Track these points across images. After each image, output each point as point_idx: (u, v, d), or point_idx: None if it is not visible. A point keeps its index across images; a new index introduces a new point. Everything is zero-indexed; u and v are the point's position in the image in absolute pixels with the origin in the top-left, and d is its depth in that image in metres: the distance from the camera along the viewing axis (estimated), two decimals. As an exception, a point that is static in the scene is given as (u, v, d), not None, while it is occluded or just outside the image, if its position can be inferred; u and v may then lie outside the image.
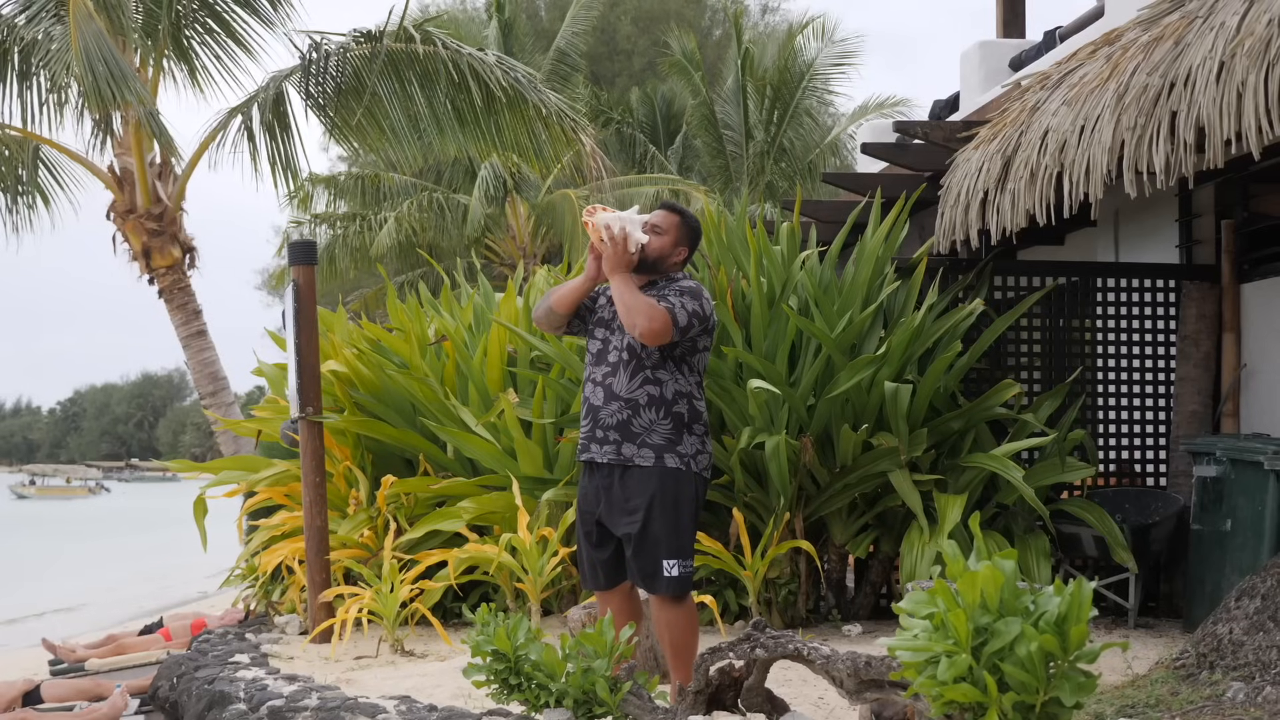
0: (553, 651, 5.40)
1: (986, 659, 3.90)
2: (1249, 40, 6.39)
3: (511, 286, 10.14)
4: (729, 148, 28.78)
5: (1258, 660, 4.89)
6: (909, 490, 8.37)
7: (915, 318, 8.65)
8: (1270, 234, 9.44)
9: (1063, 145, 7.93)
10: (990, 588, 3.98)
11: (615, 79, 35.31)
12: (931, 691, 3.93)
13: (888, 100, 29.14)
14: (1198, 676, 5.00)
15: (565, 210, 24.80)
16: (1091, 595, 3.88)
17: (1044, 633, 3.88)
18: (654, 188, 25.73)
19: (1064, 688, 3.89)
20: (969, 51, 13.35)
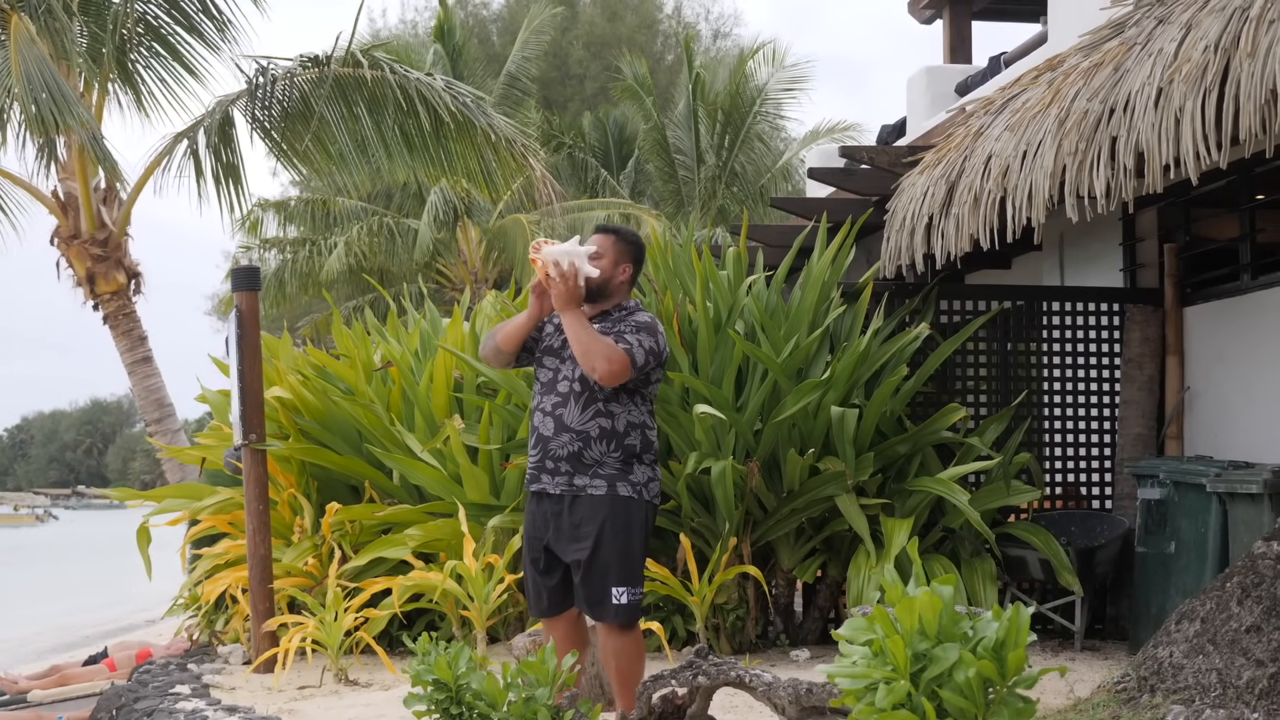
0: (494, 680, 5.35)
1: (925, 685, 3.90)
2: (1186, 67, 6.46)
3: (458, 312, 10.12)
4: (681, 172, 28.83)
5: (1197, 683, 4.91)
6: (855, 514, 8.39)
7: (861, 342, 8.68)
8: (1212, 258, 9.53)
9: (1006, 170, 7.98)
10: (929, 613, 3.98)
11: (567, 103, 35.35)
12: (870, 718, 3.92)
13: (838, 125, 29.26)
14: (1138, 700, 5.01)
15: (517, 235, 24.78)
16: (1029, 620, 3.88)
17: (982, 658, 3.88)
18: (605, 212, 25.74)
19: (1002, 714, 3.89)
20: (915, 77, 13.44)
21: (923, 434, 8.83)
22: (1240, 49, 6.09)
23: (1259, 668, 4.83)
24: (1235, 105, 6.11)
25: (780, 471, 8.64)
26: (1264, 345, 8.62)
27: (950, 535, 8.82)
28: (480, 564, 8.29)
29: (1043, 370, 9.74)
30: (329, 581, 8.50)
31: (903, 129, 13.58)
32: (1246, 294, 8.89)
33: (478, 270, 26.01)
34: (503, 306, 10.03)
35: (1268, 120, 5.94)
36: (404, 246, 25.86)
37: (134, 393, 15.14)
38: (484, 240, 26.10)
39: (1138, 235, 10.03)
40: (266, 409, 9.16)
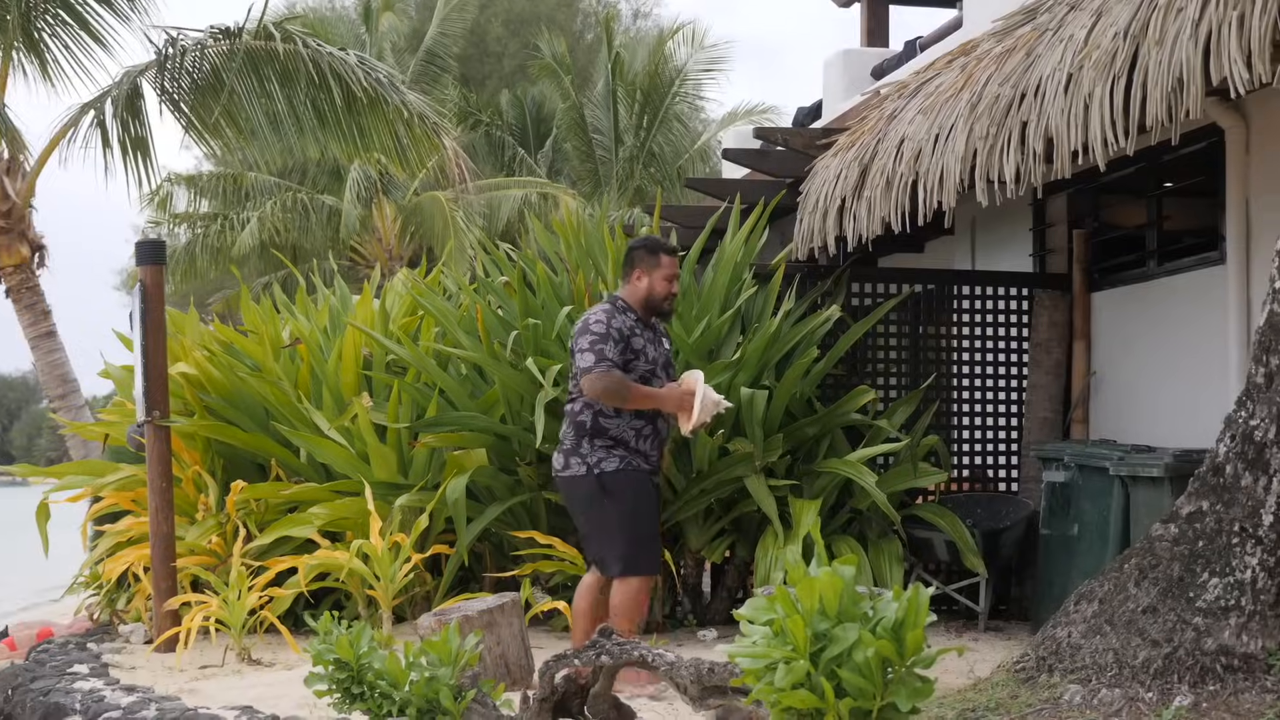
0: (396, 660, 5.33)
1: (824, 665, 3.92)
2: (1096, 53, 6.51)
3: (368, 289, 10.04)
4: (599, 152, 28.80)
5: (1094, 663, 4.97)
6: (764, 496, 8.41)
7: (772, 324, 8.70)
8: (1120, 244, 9.64)
9: (918, 153, 8.03)
10: (829, 594, 4.00)
11: (486, 81, 35.13)
12: (770, 698, 3.94)
13: (757, 107, 29.34)
14: (1037, 680, 5.07)
15: (434, 212, 24.60)
16: (929, 601, 3.91)
17: (881, 638, 3.90)
18: (522, 191, 25.68)
19: (900, 693, 3.92)
20: (832, 59, 13.47)
21: (832, 416, 8.87)
22: (1149, 36, 6.15)
23: (1154, 648, 4.89)
24: (1143, 92, 6.17)
25: (689, 453, 8.64)
26: (1168, 331, 8.74)
27: (858, 517, 8.86)
28: (387, 543, 8.23)
29: (952, 354, 9.82)
30: (233, 560, 8.41)
31: (819, 112, 13.62)
32: (1152, 280, 9.00)
33: (393, 247, 25.84)
34: (413, 284, 9.96)
35: (1174, 108, 6.00)
36: (318, 222, 25.67)
37: (37, 368, 14.90)
38: (399, 217, 25.92)
39: (1048, 220, 10.13)
40: (172, 385, 9.06)
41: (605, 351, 6.49)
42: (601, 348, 6.49)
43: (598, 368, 6.45)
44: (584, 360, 6.50)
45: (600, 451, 6.58)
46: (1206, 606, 4.93)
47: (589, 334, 6.54)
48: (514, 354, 8.76)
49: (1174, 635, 4.92)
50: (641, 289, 6.76)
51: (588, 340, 6.53)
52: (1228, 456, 5.04)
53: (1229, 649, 4.87)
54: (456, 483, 8.50)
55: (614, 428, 6.60)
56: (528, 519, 8.91)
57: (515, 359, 8.73)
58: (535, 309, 8.89)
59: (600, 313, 6.66)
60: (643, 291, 6.76)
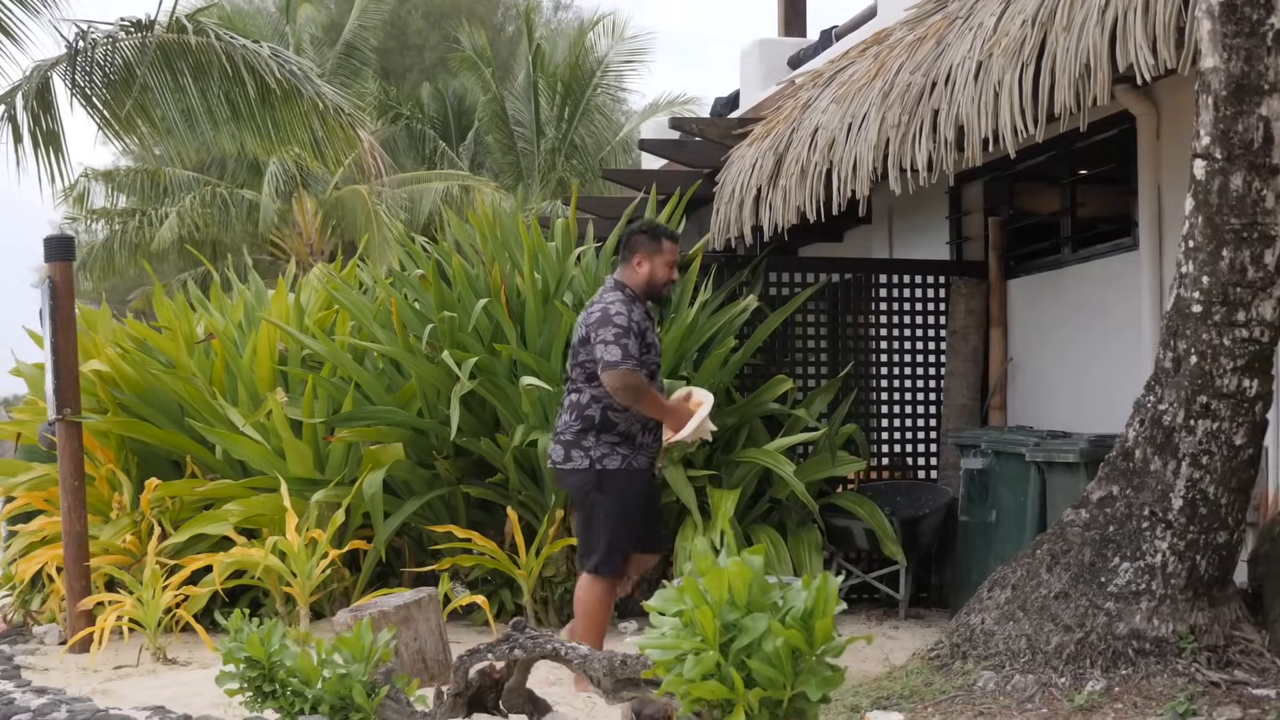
0: (308, 657, 5.26)
1: (734, 655, 3.89)
2: (1005, 40, 6.52)
3: (283, 284, 9.92)
4: (520, 144, 28.68)
5: (1007, 649, 4.97)
6: (683, 486, 8.38)
7: (689, 314, 8.68)
8: (1034, 231, 9.69)
9: (832, 142, 8.02)
10: (738, 584, 3.98)
11: (406, 74, 34.87)
12: (679, 689, 3.91)
13: (679, 98, 29.31)
14: (951, 666, 5.07)
15: (356, 207, 24.39)
16: (838, 590, 3.90)
17: (790, 628, 3.88)
18: (443, 184, 25.51)
19: (810, 682, 3.90)
20: (749, 49, 13.46)
21: (750, 406, 8.86)
22: (1056, 23, 6.17)
23: (1066, 633, 4.91)
24: (1051, 79, 6.19)
25: (609, 444, 8.60)
26: (1083, 317, 8.78)
27: (777, 506, 8.86)
28: (304, 539, 8.14)
29: (871, 342, 9.83)
30: (148, 559, 8.29)
31: (736, 102, 13.59)
32: (1067, 267, 9.05)
33: (314, 242, 25.60)
34: (328, 279, 9.86)
35: (1082, 94, 6.02)
36: (238, 217, 25.37)
37: (-51, 366, 14.64)
38: (320, 212, 25.69)
39: (964, 208, 10.16)
40: (84, 382, 8.92)
41: (630, 348, 6.33)
42: (626, 343, 6.33)
43: (624, 364, 6.29)
44: (610, 354, 6.31)
45: (604, 447, 6.51)
46: (1118, 591, 4.95)
47: (613, 325, 6.36)
48: (430, 347, 8.70)
49: (1086, 620, 4.94)
50: (643, 274, 6.62)
51: (612, 332, 6.34)
52: (1137, 441, 5.06)
53: (1140, 633, 4.89)
54: (373, 477, 8.43)
55: (623, 422, 6.51)
56: (446, 513, 8.84)
57: (431, 352, 8.66)
58: (451, 302, 8.82)
59: (619, 303, 6.47)
60: (643, 277, 6.62)
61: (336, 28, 29.48)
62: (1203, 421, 4.88)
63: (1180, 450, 4.92)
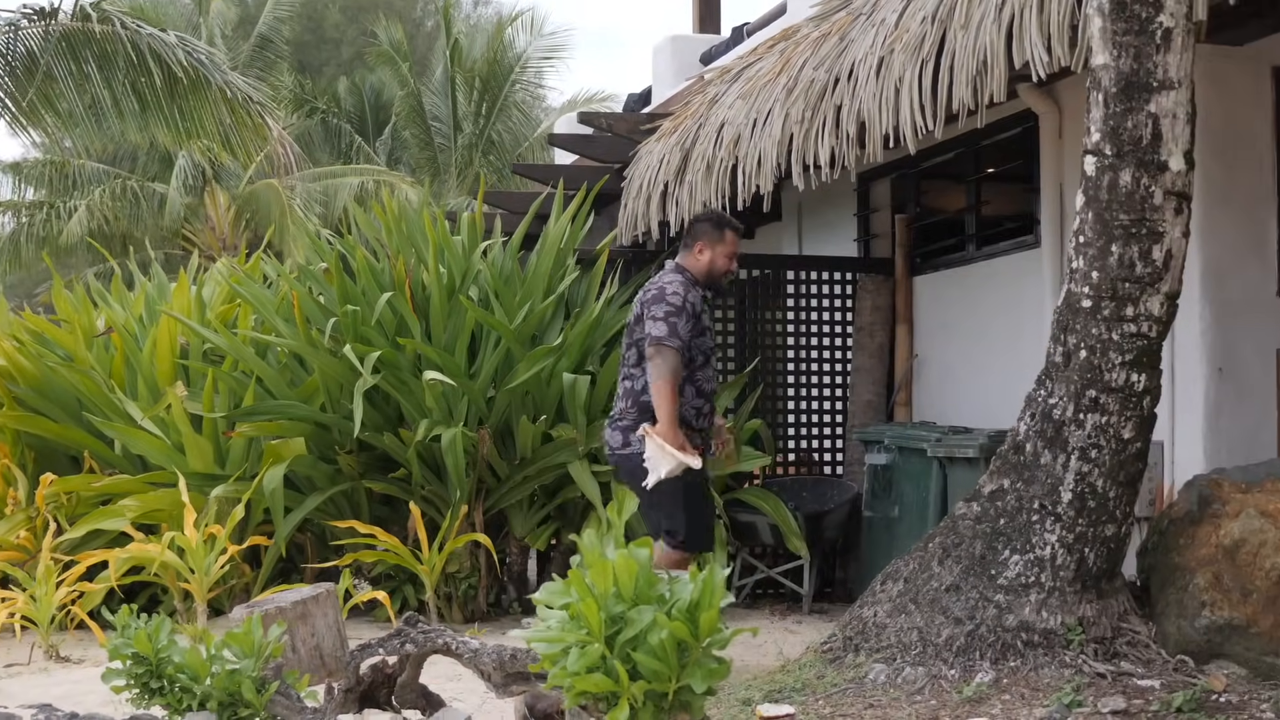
0: (197, 653, 5.19)
1: (619, 648, 3.87)
2: (905, 36, 6.57)
3: (184, 277, 9.80)
4: (438, 140, 28.53)
5: (899, 642, 5.00)
6: (588, 481, 8.37)
7: (595, 308, 8.67)
8: (940, 228, 9.75)
9: (737, 138, 8.05)
10: (625, 577, 3.96)
11: (323, 68, 34.59)
12: (564, 682, 3.89)
13: (597, 94, 29.25)
14: (843, 659, 5.09)
15: (270, 201, 24.18)
16: (724, 582, 3.90)
17: (676, 620, 3.87)
18: (359, 179, 25.33)
19: (696, 675, 3.89)
20: (661, 45, 13.46)
21: (656, 401, 8.84)
22: (955, 20, 6.22)
23: (957, 625, 4.94)
24: (950, 76, 6.23)
25: (513, 439, 8.59)
26: (986, 314, 8.86)
27: (683, 501, 8.84)
28: (202, 535, 8.05)
29: (778, 338, 9.86)
30: (42, 555, 8.16)
31: (649, 98, 13.58)
32: (971, 264, 9.12)
33: (226, 236, 25.34)
34: (231, 272, 9.76)
35: (979, 91, 6.07)
36: (149, 211, 25.06)
37: None
38: (233, 206, 25.44)
39: (872, 206, 10.22)
40: (-22, 376, 8.79)
41: (679, 327, 6.24)
42: (676, 321, 6.24)
43: (669, 341, 6.19)
44: (657, 329, 6.22)
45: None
46: (1008, 584, 4.99)
47: (665, 303, 6.28)
48: (333, 341, 8.62)
49: (976, 613, 4.97)
50: (704, 262, 6.54)
51: (663, 310, 6.27)
52: (1028, 435, 5.10)
53: (1029, 625, 4.93)
54: (274, 472, 8.35)
55: (680, 407, 6.34)
56: (349, 508, 8.78)
57: (334, 346, 8.59)
58: (355, 296, 8.75)
59: (677, 284, 6.38)
60: (704, 265, 6.54)
61: (251, 20, 29.21)
62: (1091, 415, 4.93)
63: (1070, 444, 4.96)
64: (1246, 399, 7.04)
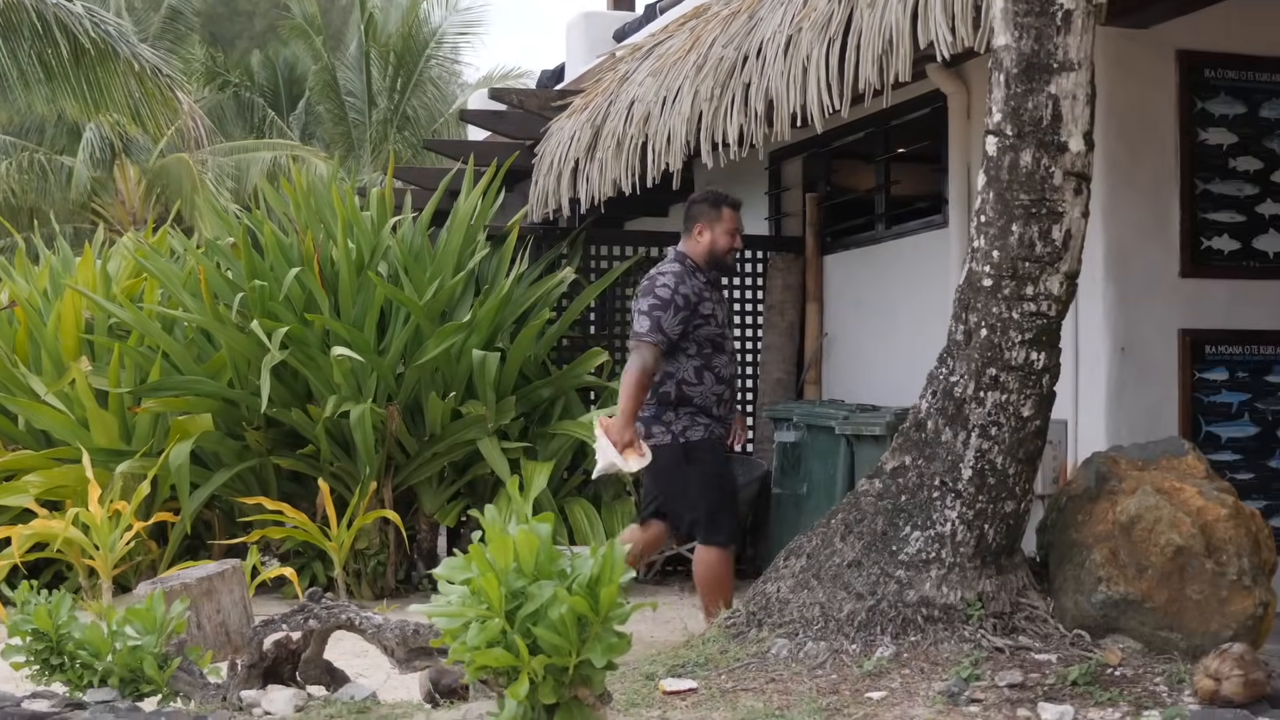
0: (98, 629, 5.16)
1: (520, 623, 3.88)
2: (814, 14, 6.60)
3: (89, 251, 9.69)
4: (352, 115, 28.33)
5: (801, 617, 5.03)
6: (497, 458, 8.38)
7: (505, 285, 8.65)
8: (850, 208, 9.81)
9: (647, 115, 8.06)
10: (525, 552, 3.97)
11: (235, 41, 34.20)
12: (465, 657, 3.89)
13: (513, 71, 29.18)
14: (746, 634, 5.11)
15: (181, 175, 23.90)
16: (624, 557, 3.92)
17: (576, 595, 3.89)
18: (271, 153, 25.10)
19: (596, 649, 3.91)
20: (574, 22, 13.43)
21: (566, 378, 8.87)
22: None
23: (858, 601, 4.97)
24: (857, 55, 6.27)
25: (422, 415, 8.57)
26: (895, 293, 8.92)
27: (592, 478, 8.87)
28: (107, 511, 7.97)
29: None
30: (-58, 533, 8.06)
31: (562, 75, 13.55)
32: (880, 243, 9.18)
33: (136, 210, 25.02)
34: (137, 246, 9.65)
35: (885, 71, 6.11)
36: (57, 184, 24.71)
37: None
38: (143, 180, 25.12)
39: (783, 185, 10.26)
40: (-123, 350, 8.64)
41: (662, 322, 6.17)
42: (660, 315, 6.18)
43: (648, 337, 6.14)
44: (639, 324, 6.19)
45: (685, 419, 6.34)
46: (908, 559, 5.02)
47: (652, 296, 6.23)
48: (240, 316, 8.56)
49: (877, 588, 5.00)
50: (704, 243, 6.45)
51: (648, 304, 6.22)
52: (929, 412, 5.14)
53: (930, 600, 4.97)
54: (180, 448, 8.29)
55: (698, 395, 6.36)
56: (257, 485, 8.74)
57: (242, 321, 8.53)
58: (263, 271, 8.69)
59: (669, 276, 6.31)
60: (705, 245, 6.45)
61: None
62: (992, 393, 4.97)
63: (970, 421, 5.00)
64: (1148, 378, 7.14)
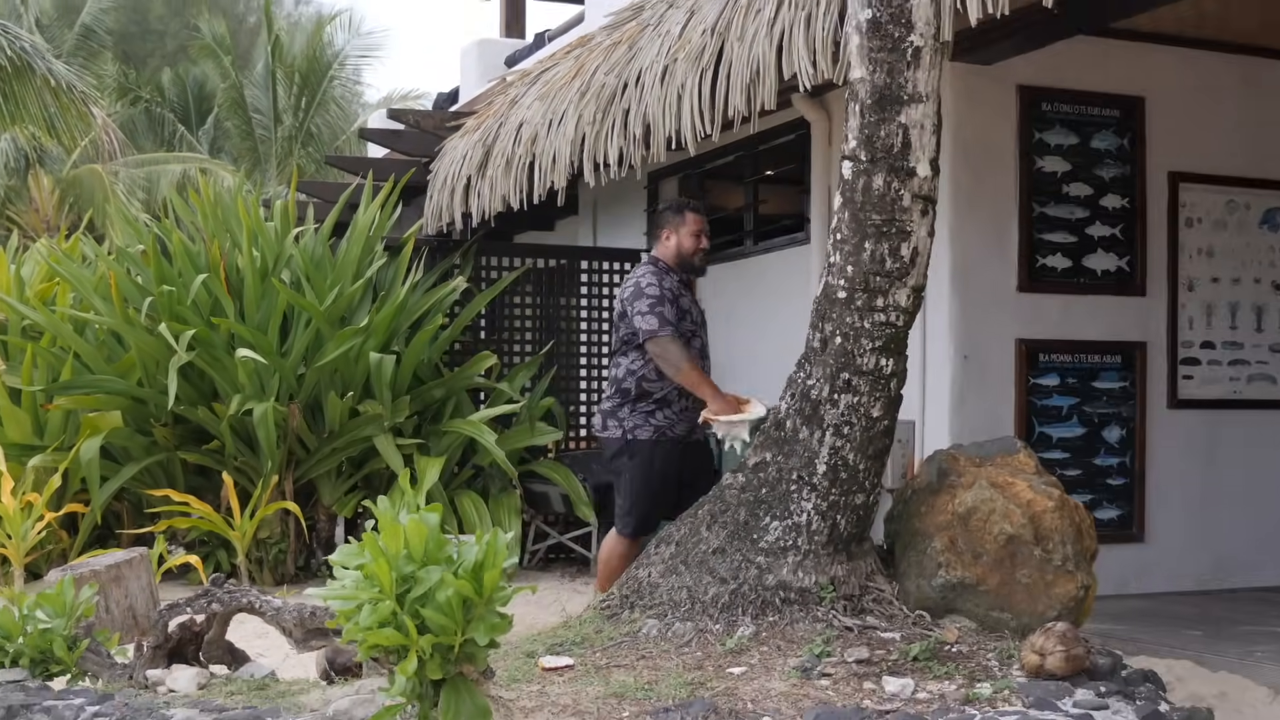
0: (9, 613, 5.11)
1: (409, 605, 3.93)
2: (688, 47, 6.69)
3: (3, 256, 9.54)
4: (258, 131, 28.02)
5: (670, 600, 5.10)
6: (392, 453, 8.38)
7: (400, 293, 8.66)
8: (722, 224, 9.90)
9: (534, 137, 8.10)
10: (415, 539, 4.02)
11: (148, 59, 33.65)
12: (358, 636, 3.92)
13: (411, 92, 29.04)
14: (620, 616, 5.17)
15: (94, 185, 23.52)
16: (505, 545, 3.97)
17: (462, 579, 3.94)
18: (181, 166, 24.77)
19: (479, 629, 3.96)
20: (469, 48, 13.45)
21: (457, 379, 8.89)
22: (732, 33, 6.35)
23: (722, 585, 5.06)
24: (727, 84, 6.37)
25: (322, 413, 8.54)
26: (762, 303, 9.04)
27: (481, 472, 8.91)
28: (19, 502, 7.87)
29: (574, 323, 9.94)
30: None
31: (456, 97, 13.54)
32: (749, 258, 9.31)
33: (50, 218, 24.56)
34: (50, 252, 9.51)
35: (752, 99, 6.21)
36: (-30, 192, 24.22)
37: None
38: (57, 189, 24.68)
39: (661, 202, 10.32)
40: None
41: (666, 314, 6.16)
42: (661, 310, 6.15)
43: (662, 332, 6.11)
44: (647, 323, 6.13)
45: (638, 417, 6.31)
46: (768, 547, 5.11)
47: (645, 297, 6.18)
48: (149, 319, 8.49)
49: (739, 573, 5.09)
50: (671, 247, 6.43)
51: (646, 303, 6.17)
52: (788, 412, 5.23)
53: (787, 584, 5.06)
54: (91, 443, 8.20)
55: (658, 390, 6.29)
56: (165, 478, 8.66)
57: (150, 324, 8.46)
58: (171, 277, 8.62)
59: (650, 275, 6.30)
60: (673, 249, 6.42)
61: (75, 10, 28.34)
62: (845, 396, 5.08)
63: (825, 421, 5.11)
64: (988, 383, 7.32)
